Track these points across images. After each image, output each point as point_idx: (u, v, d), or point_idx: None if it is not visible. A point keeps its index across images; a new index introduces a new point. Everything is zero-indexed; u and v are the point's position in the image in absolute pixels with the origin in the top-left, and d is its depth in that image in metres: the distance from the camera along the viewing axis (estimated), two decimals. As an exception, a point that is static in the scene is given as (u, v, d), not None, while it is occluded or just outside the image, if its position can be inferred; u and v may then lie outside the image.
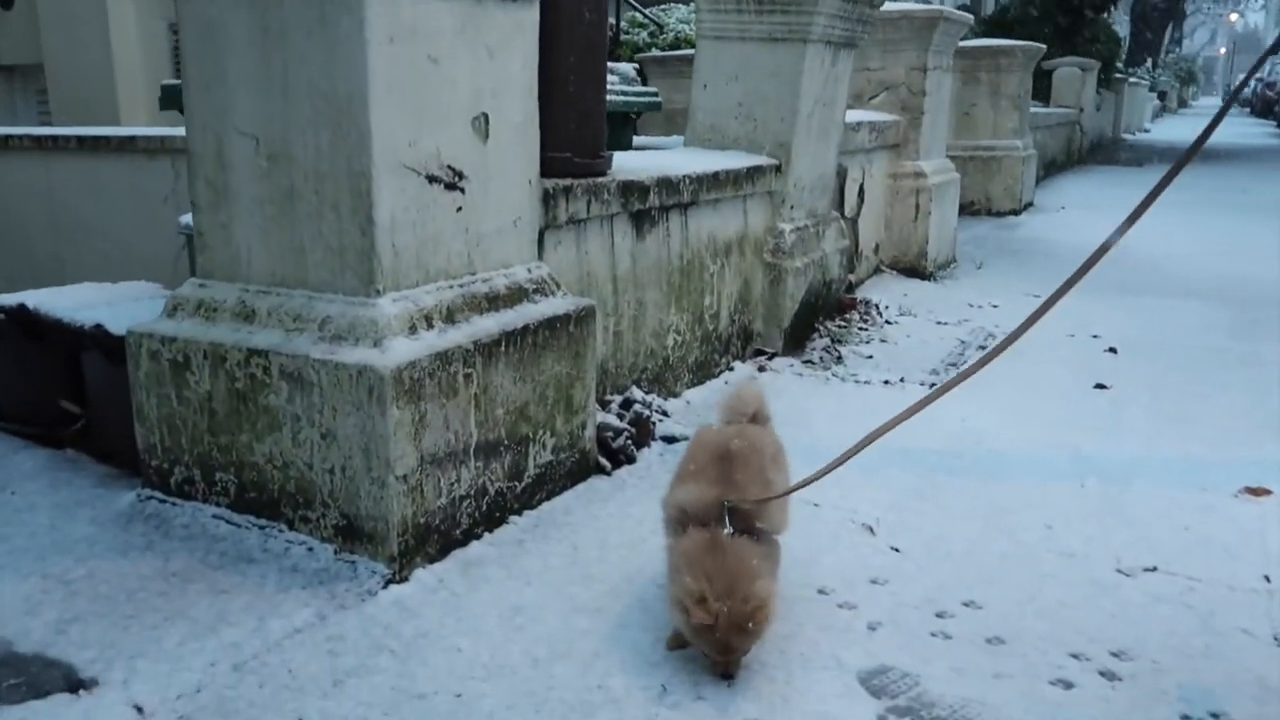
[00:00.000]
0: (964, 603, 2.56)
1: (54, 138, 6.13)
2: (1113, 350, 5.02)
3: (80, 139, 6.05)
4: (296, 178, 2.66)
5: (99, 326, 3.13)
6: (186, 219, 3.94)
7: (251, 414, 2.72)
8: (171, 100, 4.24)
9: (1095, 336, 5.24)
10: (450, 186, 2.77)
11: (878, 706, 2.13)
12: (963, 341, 5.23)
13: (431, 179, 2.71)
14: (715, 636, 2.09)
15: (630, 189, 3.70)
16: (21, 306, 3.38)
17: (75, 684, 2.11)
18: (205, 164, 2.81)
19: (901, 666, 2.27)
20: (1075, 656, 2.32)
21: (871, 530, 2.97)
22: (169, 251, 5.22)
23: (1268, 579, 2.69)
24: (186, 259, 4.10)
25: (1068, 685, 2.21)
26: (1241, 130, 28.45)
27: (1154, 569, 2.75)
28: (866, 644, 2.36)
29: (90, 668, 2.17)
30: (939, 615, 2.50)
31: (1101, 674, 2.25)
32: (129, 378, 2.94)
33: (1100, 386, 4.42)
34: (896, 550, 2.85)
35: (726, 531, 2.17)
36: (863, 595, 2.59)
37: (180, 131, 5.73)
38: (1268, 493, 3.23)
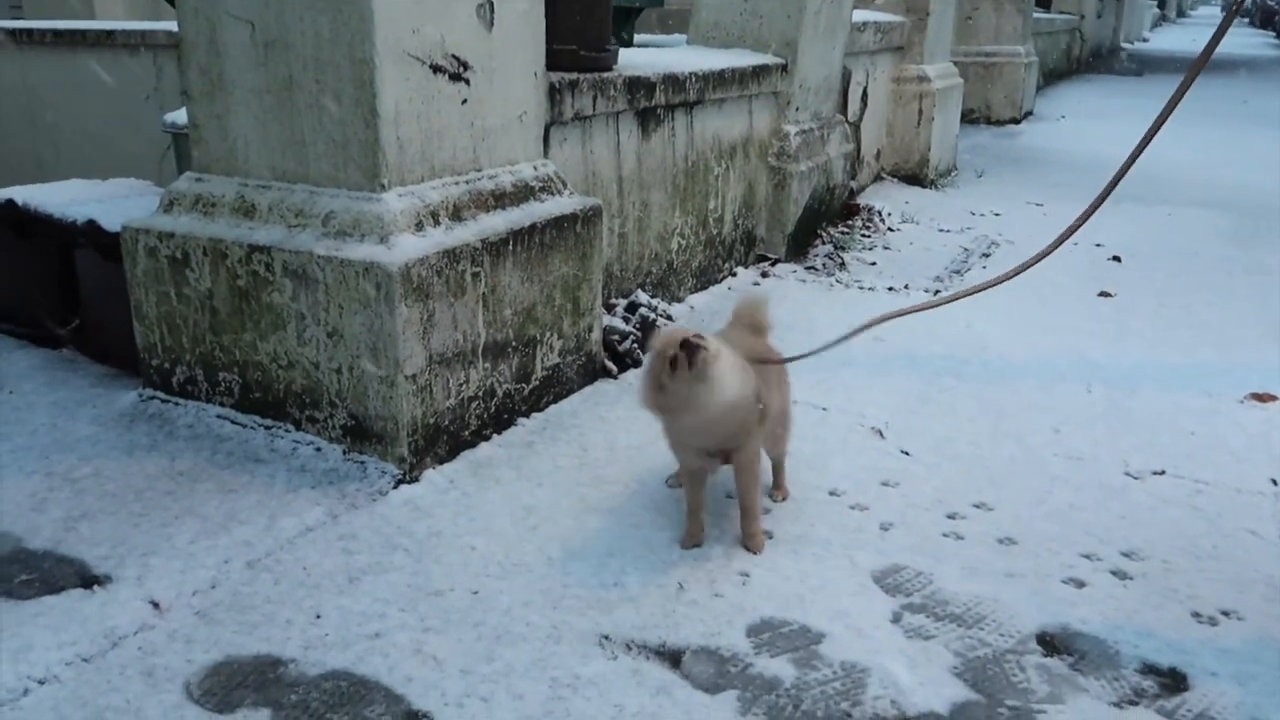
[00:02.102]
0: (974, 504, 2.57)
1: (29, 32, 5.89)
2: (1116, 259, 4.99)
3: (57, 33, 5.81)
4: (295, 66, 2.54)
5: (92, 223, 3.04)
6: (172, 116, 3.79)
7: (255, 312, 2.66)
8: (156, -13, 4.03)
9: (1098, 245, 5.20)
10: (455, 77, 2.67)
11: (893, 604, 2.14)
12: (966, 249, 5.18)
13: (436, 69, 2.60)
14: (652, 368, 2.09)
15: (636, 85, 3.59)
16: (10, 202, 3.27)
17: (89, 579, 2.09)
18: (198, 51, 2.69)
19: (915, 566, 2.28)
20: (1086, 556, 2.33)
21: (880, 434, 2.96)
22: (153, 150, 5.06)
23: (1274, 482, 2.71)
24: (173, 158, 3.97)
25: (1080, 584, 2.22)
26: (1242, 41, 27.95)
27: (1162, 472, 2.76)
28: (879, 544, 2.37)
29: (103, 564, 2.16)
30: (950, 516, 2.51)
31: (1113, 573, 2.27)
32: (125, 275, 2.86)
33: (1104, 294, 4.40)
34: (906, 453, 2.85)
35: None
36: (874, 497, 2.59)
37: (162, 26, 5.54)
38: (1273, 398, 3.23)
